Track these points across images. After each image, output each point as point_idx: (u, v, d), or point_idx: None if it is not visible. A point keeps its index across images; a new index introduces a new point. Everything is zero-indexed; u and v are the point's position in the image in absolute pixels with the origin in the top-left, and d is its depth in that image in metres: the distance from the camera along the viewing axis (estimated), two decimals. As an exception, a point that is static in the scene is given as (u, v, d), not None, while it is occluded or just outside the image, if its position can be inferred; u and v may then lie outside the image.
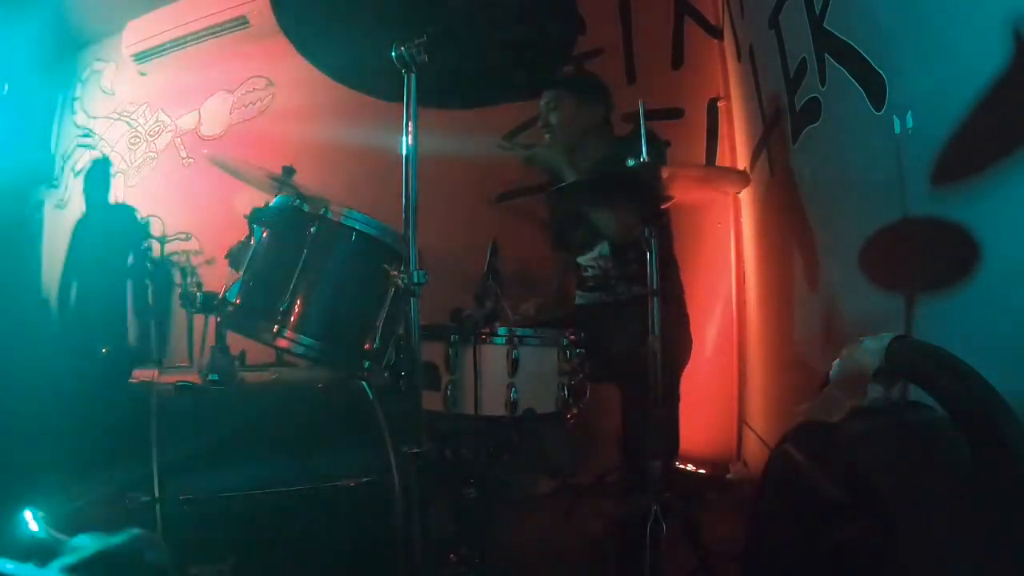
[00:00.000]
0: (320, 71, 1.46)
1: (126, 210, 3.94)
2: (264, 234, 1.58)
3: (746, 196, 2.99)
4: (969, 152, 1.21)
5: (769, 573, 1.04)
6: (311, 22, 1.35)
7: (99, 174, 3.91)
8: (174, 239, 3.79)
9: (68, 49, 4.74)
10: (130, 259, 3.64)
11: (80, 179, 4.69)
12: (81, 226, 3.78)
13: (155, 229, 3.97)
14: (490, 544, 1.69)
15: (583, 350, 1.70)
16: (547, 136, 2.36)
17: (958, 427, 0.77)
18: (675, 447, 2.20)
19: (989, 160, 1.14)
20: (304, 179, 2.16)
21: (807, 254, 2.23)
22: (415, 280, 1.23)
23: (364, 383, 1.65)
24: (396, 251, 1.51)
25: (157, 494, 1.26)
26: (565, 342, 1.66)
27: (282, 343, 1.49)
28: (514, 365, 1.56)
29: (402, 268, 1.24)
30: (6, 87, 3.22)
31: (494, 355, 1.57)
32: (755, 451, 2.79)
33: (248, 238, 1.61)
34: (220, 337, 1.61)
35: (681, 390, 2.17)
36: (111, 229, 3.72)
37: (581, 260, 2.42)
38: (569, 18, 1.43)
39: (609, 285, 2.35)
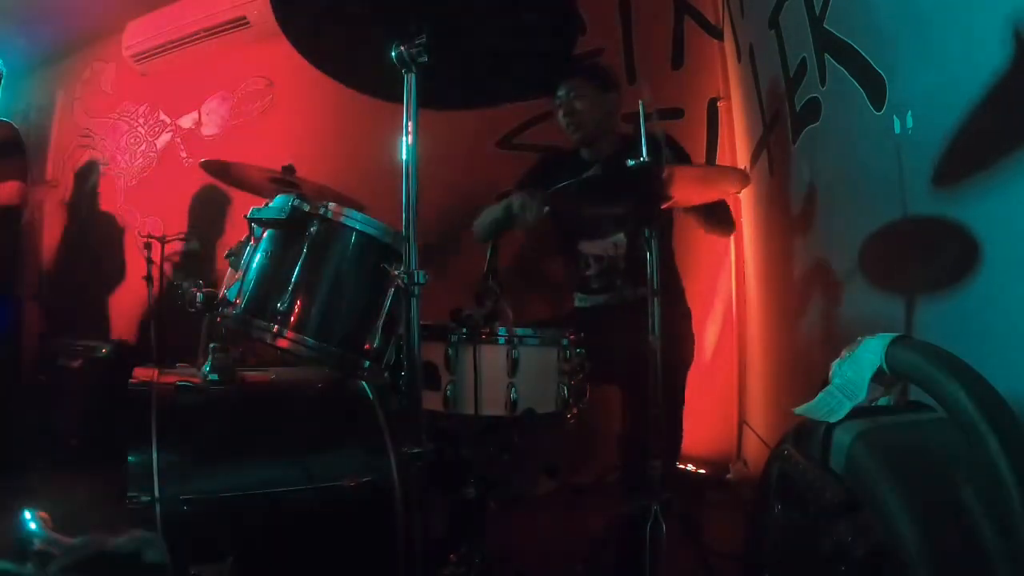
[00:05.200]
0: (320, 71, 1.46)
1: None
2: (264, 234, 1.58)
3: (746, 196, 2.99)
4: (970, 152, 1.21)
5: (768, 573, 1.04)
6: (311, 21, 1.35)
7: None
8: (174, 239, 3.79)
9: (68, 49, 4.74)
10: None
11: (80, 179, 4.72)
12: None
13: (155, 229, 3.97)
14: (490, 544, 1.69)
15: (583, 350, 1.70)
16: (569, 126, 2.34)
17: (958, 427, 0.77)
18: (677, 447, 2.20)
19: (991, 160, 1.14)
20: (304, 179, 2.16)
21: (807, 254, 2.23)
22: (415, 280, 1.23)
23: (364, 383, 1.65)
24: (396, 251, 1.51)
25: (157, 494, 1.26)
26: (565, 342, 1.66)
27: (282, 343, 1.49)
28: (514, 365, 1.56)
29: (402, 268, 1.24)
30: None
31: (494, 355, 1.56)
32: (755, 451, 2.79)
33: (248, 238, 1.61)
34: (220, 337, 1.61)
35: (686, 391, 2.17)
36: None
37: (588, 248, 2.38)
38: (569, 17, 1.42)
39: (614, 286, 2.33)
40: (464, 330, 1.55)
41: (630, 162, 1.57)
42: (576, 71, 2.36)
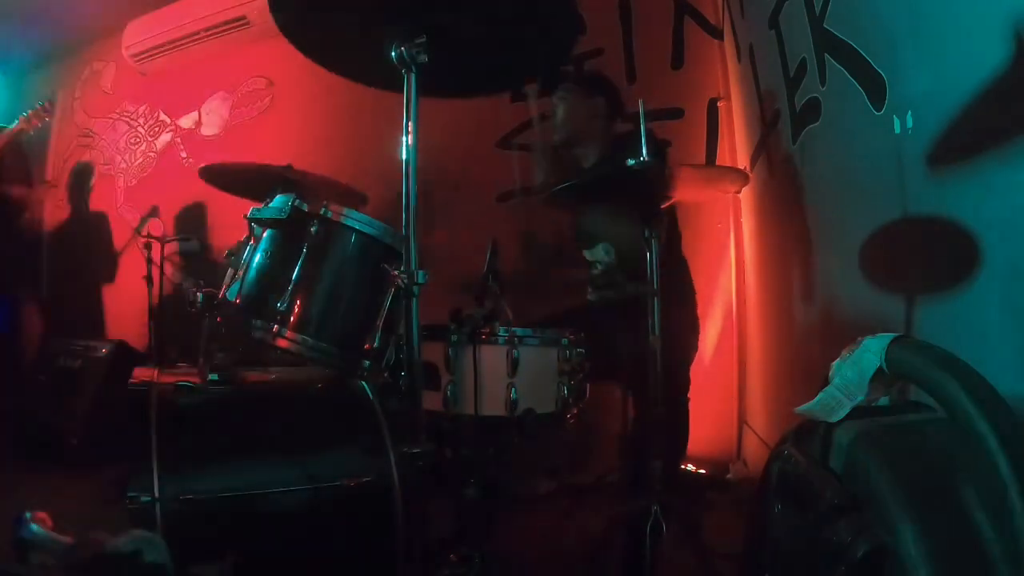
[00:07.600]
0: (319, 65, 1.46)
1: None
2: (264, 234, 1.58)
3: (746, 196, 2.99)
4: (967, 145, 1.21)
5: (768, 573, 1.04)
6: (308, 16, 1.35)
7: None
8: (174, 239, 3.79)
9: (68, 49, 4.74)
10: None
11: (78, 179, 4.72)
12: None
13: (155, 229, 3.97)
14: (490, 544, 1.69)
15: (583, 350, 1.70)
16: (552, 127, 2.39)
17: (958, 427, 0.77)
18: (682, 448, 2.20)
19: (986, 148, 1.14)
20: (304, 179, 2.16)
21: (807, 254, 2.23)
22: (415, 280, 1.23)
23: (364, 383, 1.65)
24: (396, 251, 1.51)
25: (157, 494, 1.26)
26: (565, 342, 1.66)
27: (281, 343, 1.49)
28: (514, 365, 1.56)
29: (402, 268, 1.24)
30: None
31: (494, 355, 1.56)
32: (755, 451, 2.79)
33: (248, 238, 1.61)
34: (220, 337, 1.61)
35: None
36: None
37: (587, 254, 2.43)
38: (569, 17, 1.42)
39: (618, 283, 2.35)
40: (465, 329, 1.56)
41: (630, 162, 1.57)
42: (566, 78, 2.43)
